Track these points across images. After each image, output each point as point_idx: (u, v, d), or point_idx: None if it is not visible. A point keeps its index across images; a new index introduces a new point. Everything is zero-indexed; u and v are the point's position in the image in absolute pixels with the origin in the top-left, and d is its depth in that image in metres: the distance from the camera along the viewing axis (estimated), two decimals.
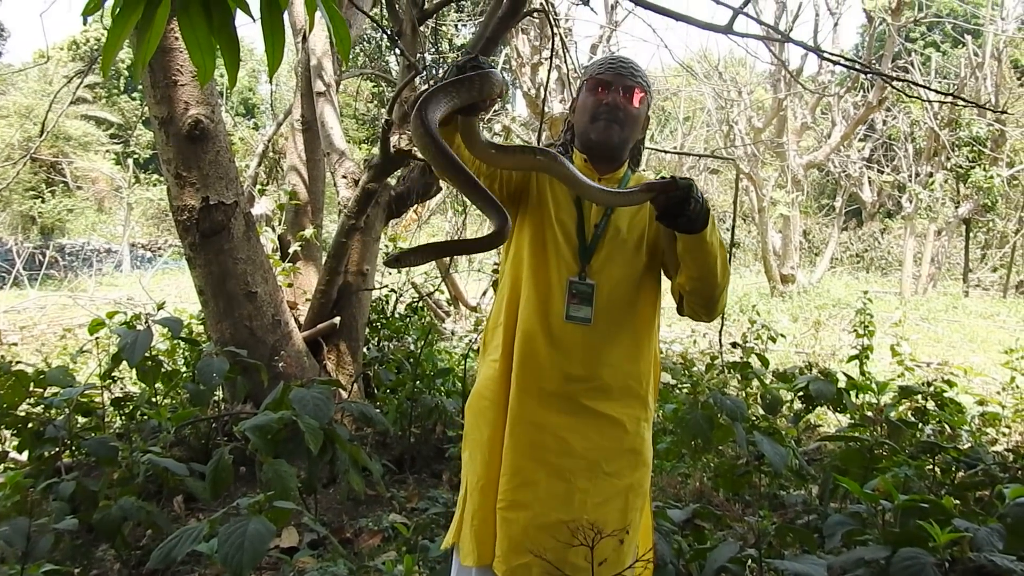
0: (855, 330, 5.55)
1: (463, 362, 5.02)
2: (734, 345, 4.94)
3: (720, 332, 5.49)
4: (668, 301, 2.03)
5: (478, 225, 14.84)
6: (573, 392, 1.86)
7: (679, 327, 10.02)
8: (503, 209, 1.61)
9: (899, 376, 5.40)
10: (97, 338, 4.12)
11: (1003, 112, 9.17)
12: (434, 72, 4.47)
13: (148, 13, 1.27)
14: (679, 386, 5.07)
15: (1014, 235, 18.07)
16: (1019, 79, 21.42)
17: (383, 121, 4.29)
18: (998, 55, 15.89)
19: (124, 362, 3.57)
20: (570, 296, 1.87)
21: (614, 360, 1.88)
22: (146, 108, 4.06)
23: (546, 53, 10.70)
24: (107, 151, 27.03)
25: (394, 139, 4.32)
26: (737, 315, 9.69)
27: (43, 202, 23.13)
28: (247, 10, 1.32)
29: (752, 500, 3.81)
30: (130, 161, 24.47)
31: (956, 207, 16.69)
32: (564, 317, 1.86)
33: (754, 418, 3.96)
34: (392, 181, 4.80)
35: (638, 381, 1.92)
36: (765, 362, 4.69)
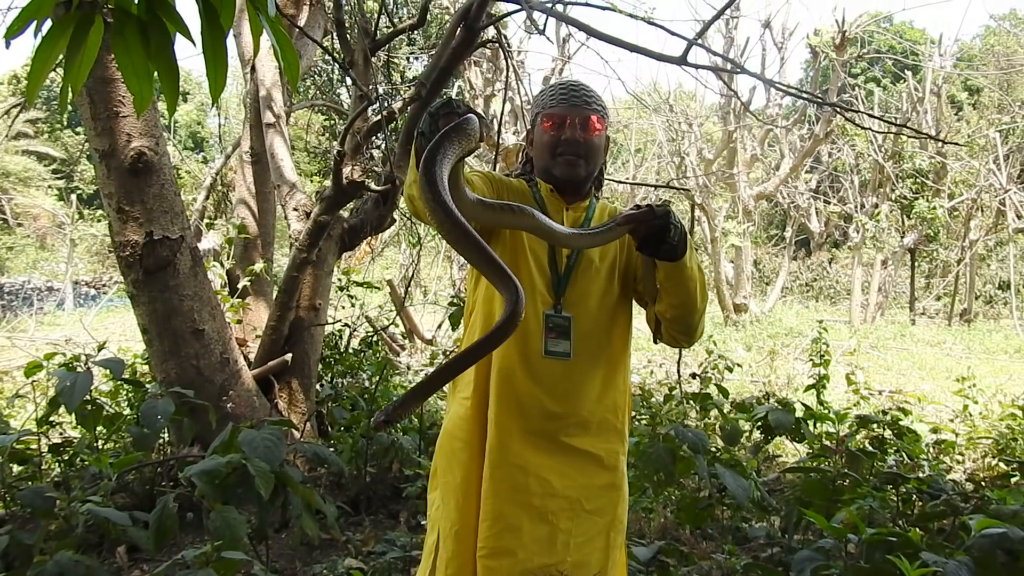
0: (811, 359, 5.57)
1: None
2: (693, 376, 4.91)
3: (678, 362, 5.47)
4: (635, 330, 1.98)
5: (432, 256, 14.76)
6: (553, 429, 1.79)
7: (635, 357, 10.01)
8: (518, 286, 1.39)
9: (855, 405, 5.43)
10: (34, 381, 3.93)
11: (953, 143, 9.46)
12: (387, 103, 4.41)
13: (78, 37, 1.18)
14: (637, 417, 5.03)
15: (956, 265, 18.56)
16: (956, 114, 22.19)
17: (335, 152, 4.21)
18: (937, 90, 16.43)
19: (63, 406, 3.40)
20: (547, 330, 1.80)
21: (592, 394, 1.82)
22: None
23: (499, 85, 10.76)
24: (49, 186, 26.40)
25: (346, 170, 4.24)
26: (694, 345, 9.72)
27: None
28: (187, 34, 1.25)
29: (715, 533, 3.76)
30: (73, 197, 23.93)
31: (901, 237, 17.10)
32: (542, 352, 1.79)
33: (714, 450, 3.92)
34: (345, 213, 4.71)
35: (615, 414, 1.86)
36: (725, 393, 4.67)
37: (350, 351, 5.50)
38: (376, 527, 3.90)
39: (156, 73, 1.25)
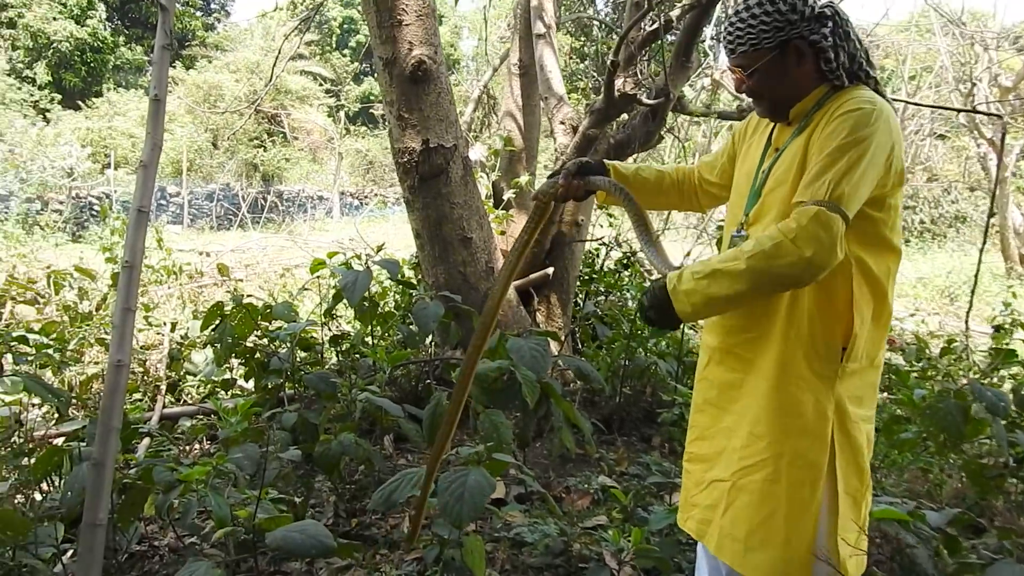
0: None
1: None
2: (997, 328, 4.28)
3: (967, 315, 4.85)
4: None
5: None
6: (732, 344, 1.81)
7: (900, 304, 9.17)
8: None
9: None
10: (318, 277, 4.21)
11: None
12: (664, 10, 4.17)
13: None
14: (911, 369, 4.54)
15: None
16: None
17: (608, 63, 4.05)
18: None
19: (344, 301, 3.60)
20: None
21: (771, 309, 1.72)
22: (355, 64, 4.05)
23: None
24: (321, 104, 28.57)
25: (619, 82, 4.08)
26: (968, 297, 8.71)
27: (265, 151, 24.81)
28: None
29: (1010, 507, 3.31)
30: (341, 114, 25.72)
31: None
32: None
33: (1015, 414, 3.43)
34: (611, 128, 4.57)
35: (809, 332, 1.67)
36: None
37: (606, 271, 5.42)
38: (628, 448, 3.84)
39: None
